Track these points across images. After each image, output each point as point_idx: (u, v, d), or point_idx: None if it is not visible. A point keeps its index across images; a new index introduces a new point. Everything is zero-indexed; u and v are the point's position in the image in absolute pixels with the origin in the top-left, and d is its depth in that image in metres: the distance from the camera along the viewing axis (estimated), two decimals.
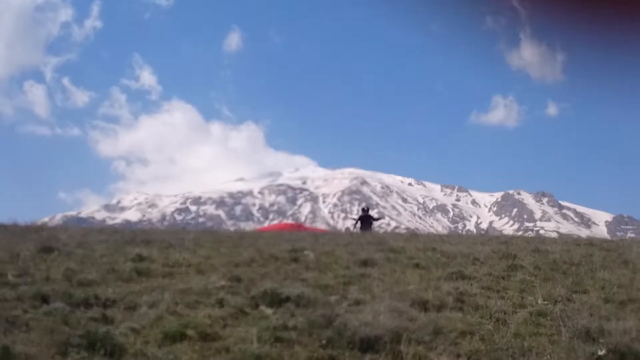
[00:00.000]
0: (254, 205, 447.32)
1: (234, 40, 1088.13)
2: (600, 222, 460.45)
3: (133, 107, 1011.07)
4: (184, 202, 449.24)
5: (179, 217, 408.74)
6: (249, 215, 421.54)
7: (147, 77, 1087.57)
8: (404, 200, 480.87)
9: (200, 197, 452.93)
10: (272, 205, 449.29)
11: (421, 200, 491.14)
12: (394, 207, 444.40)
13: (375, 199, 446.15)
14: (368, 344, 8.83)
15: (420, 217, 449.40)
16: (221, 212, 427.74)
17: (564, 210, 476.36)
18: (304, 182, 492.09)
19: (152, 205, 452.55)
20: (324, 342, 8.92)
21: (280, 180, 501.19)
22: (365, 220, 34.12)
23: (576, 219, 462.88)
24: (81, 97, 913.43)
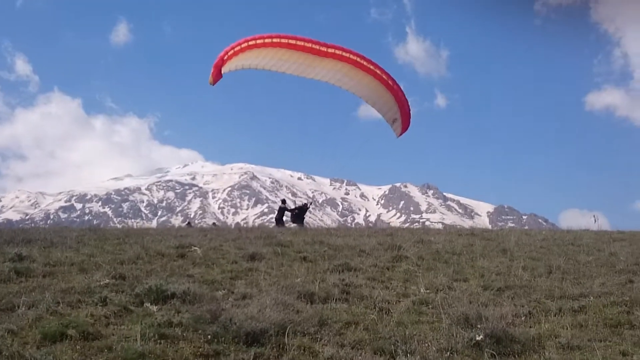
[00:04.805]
0: (142, 202, 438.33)
1: (121, 31, 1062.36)
2: (483, 212, 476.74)
3: (8, 98, 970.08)
4: (69, 200, 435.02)
5: (63, 216, 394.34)
6: (136, 213, 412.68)
7: (21, 67, 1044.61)
8: (294, 194, 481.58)
9: (85, 195, 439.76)
10: (160, 201, 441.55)
11: (311, 195, 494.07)
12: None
13: (265, 193, 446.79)
14: (253, 338, 8.89)
15: (310, 212, 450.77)
16: (108, 210, 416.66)
17: (449, 202, 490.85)
18: (193, 178, 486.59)
19: (35, 203, 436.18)
20: (209, 337, 8.93)
21: (169, 176, 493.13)
22: (299, 214, 33.54)
23: (460, 210, 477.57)
24: None
